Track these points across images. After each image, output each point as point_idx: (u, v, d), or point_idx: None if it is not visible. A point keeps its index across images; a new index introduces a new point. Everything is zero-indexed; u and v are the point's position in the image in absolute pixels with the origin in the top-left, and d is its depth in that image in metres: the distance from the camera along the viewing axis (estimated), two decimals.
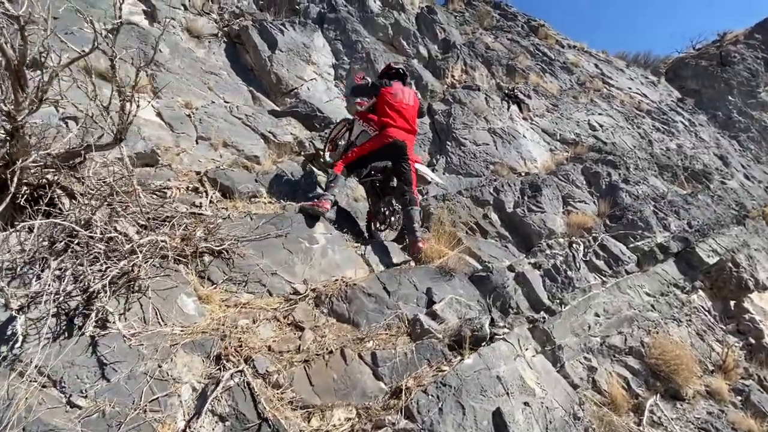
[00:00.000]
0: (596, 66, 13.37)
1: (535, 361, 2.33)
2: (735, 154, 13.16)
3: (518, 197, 5.81)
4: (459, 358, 2.03)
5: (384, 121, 3.69)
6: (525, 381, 2.12)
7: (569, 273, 5.07)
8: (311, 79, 7.47)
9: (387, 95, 3.80)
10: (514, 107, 7.95)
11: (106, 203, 1.94)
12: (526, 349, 2.32)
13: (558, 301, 4.88)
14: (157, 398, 1.64)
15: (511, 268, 5.09)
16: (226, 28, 7.51)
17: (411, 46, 8.69)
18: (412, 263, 3.12)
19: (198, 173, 3.70)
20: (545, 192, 5.80)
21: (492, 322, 2.28)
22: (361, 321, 2.34)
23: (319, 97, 7.29)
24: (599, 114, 9.35)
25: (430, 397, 1.86)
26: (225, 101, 5.81)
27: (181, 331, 1.88)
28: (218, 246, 2.44)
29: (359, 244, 3.51)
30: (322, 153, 4.70)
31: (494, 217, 5.57)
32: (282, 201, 3.64)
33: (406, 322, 2.31)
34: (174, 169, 3.76)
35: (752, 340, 5.33)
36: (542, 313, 4.89)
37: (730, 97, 15.64)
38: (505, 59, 9.70)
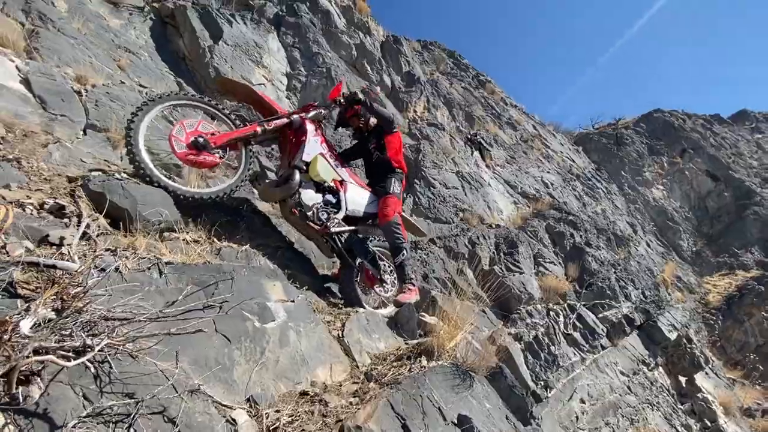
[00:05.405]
0: (534, 127, 14.20)
1: None
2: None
3: (494, 252, 5.14)
4: None
5: (406, 173, 3.02)
6: None
7: (552, 348, 4.43)
8: (259, 84, 6.22)
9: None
10: (476, 153, 7.58)
11: None
12: None
13: (542, 383, 4.17)
14: None
15: (492, 340, 4.29)
16: (156, 4, 5.99)
17: (375, 73, 7.97)
18: (423, 360, 2.04)
19: (73, 180, 2.21)
20: (521, 249, 5.23)
21: None
22: None
23: None
24: (547, 172, 9.54)
25: None
26: (141, 85, 4.28)
27: None
28: (78, 348, 1.10)
29: (333, 317, 2.33)
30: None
31: (469, 274, 4.79)
32: (216, 239, 2.31)
33: None
34: (26, 168, 2.22)
35: (708, 423, 5.14)
36: (528, 397, 4.14)
37: (623, 172, 17.92)
38: (464, 105, 9.54)
